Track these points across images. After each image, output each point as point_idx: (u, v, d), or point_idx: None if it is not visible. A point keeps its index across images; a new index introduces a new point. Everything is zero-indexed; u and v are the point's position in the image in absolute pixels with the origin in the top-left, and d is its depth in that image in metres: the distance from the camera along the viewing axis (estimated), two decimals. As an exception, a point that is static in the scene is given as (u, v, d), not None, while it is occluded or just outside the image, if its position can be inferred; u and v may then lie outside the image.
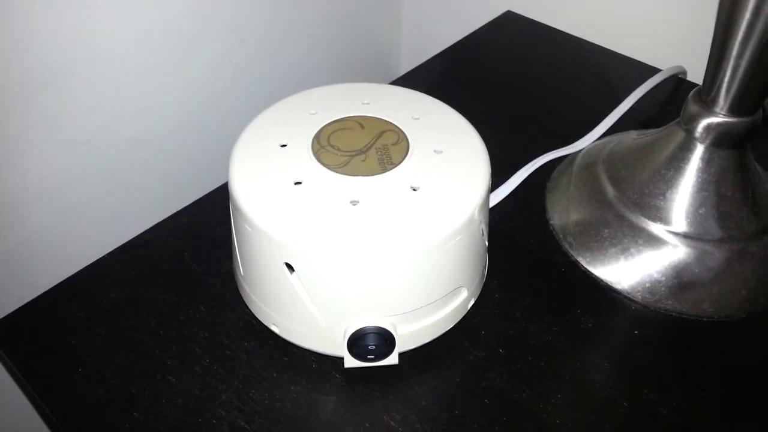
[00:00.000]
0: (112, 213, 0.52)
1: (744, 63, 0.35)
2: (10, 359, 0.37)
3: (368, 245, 0.31)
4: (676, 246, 0.39)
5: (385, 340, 0.33)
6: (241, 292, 0.38)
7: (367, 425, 0.34)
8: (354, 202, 0.32)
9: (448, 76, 0.58)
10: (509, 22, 0.64)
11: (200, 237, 0.43)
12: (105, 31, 0.45)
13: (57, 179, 0.47)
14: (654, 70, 0.55)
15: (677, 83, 0.56)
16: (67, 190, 0.48)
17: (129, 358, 0.36)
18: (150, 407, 0.34)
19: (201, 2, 0.51)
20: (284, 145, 0.35)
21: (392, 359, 0.34)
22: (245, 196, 0.33)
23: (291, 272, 0.32)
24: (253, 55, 0.57)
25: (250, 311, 0.37)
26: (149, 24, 0.48)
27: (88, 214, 0.51)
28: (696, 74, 0.54)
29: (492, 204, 0.44)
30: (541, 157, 0.47)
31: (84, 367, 0.36)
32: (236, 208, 0.33)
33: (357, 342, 0.33)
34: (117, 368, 0.36)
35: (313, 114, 0.37)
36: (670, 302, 0.39)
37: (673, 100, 0.54)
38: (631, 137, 0.45)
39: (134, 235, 0.43)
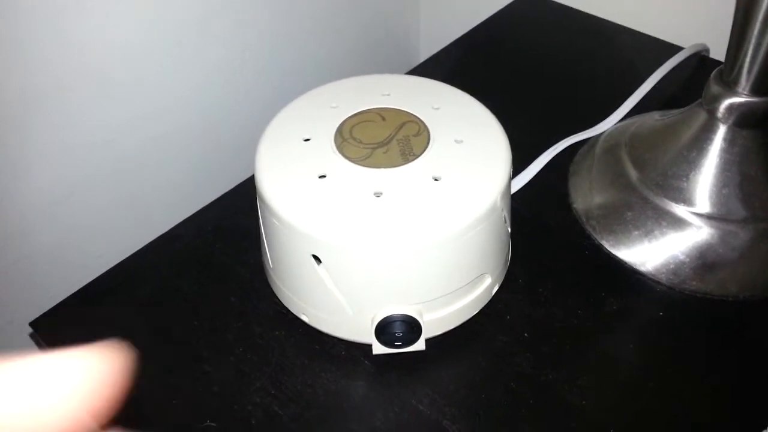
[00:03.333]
0: (138, 210, 0.54)
1: (766, 42, 0.34)
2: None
3: (392, 236, 0.32)
4: (700, 227, 0.39)
5: (411, 327, 0.34)
6: (270, 283, 0.39)
7: (397, 409, 0.35)
8: (377, 194, 0.33)
9: (467, 62, 0.58)
10: (527, 4, 0.63)
11: (229, 230, 0.44)
12: (120, 32, 0.46)
13: (84, 178, 0.49)
14: (676, 48, 0.55)
15: (700, 61, 0.55)
16: (93, 189, 0.50)
17: (166, 349, 0.38)
18: (188, 396, 0.36)
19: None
20: (308, 140, 0.36)
21: (419, 345, 0.35)
22: (272, 191, 0.34)
23: (318, 264, 0.33)
24: (270, 48, 0.58)
25: (280, 301, 0.38)
26: (166, 21, 0.49)
27: (116, 213, 0.52)
28: (719, 51, 0.53)
29: (514, 189, 0.44)
30: (562, 141, 0.47)
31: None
32: (263, 202, 0.34)
33: (384, 330, 0.34)
34: (155, 360, 0.37)
35: (335, 107, 0.38)
36: (694, 283, 0.39)
37: (696, 78, 0.53)
38: (654, 118, 0.45)
39: (162, 232, 0.44)
